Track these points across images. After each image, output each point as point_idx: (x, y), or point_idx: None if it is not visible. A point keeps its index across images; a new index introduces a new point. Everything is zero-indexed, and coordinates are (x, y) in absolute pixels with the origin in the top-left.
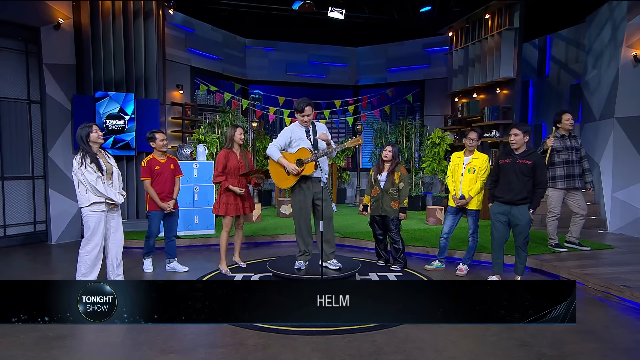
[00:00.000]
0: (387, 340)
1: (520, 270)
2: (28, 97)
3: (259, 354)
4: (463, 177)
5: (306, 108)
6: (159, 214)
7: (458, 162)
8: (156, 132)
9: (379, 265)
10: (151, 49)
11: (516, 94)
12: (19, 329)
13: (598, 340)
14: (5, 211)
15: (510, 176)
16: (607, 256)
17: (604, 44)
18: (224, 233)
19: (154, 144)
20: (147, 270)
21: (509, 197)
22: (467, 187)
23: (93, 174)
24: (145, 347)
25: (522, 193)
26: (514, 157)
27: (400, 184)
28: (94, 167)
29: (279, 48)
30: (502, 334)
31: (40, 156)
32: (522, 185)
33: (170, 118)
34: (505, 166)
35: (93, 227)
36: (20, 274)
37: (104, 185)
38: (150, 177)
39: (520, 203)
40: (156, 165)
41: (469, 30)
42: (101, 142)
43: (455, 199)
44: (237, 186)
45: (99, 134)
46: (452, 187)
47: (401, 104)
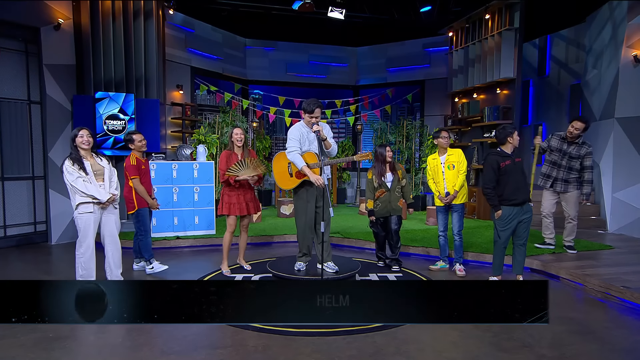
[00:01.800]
0: (387, 341)
1: (521, 270)
2: (28, 98)
3: (259, 355)
4: (445, 175)
5: (316, 110)
6: (147, 211)
7: (435, 163)
8: (133, 134)
9: (379, 265)
10: (151, 49)
11: (516, 94)
12: (19, 330)
13: (598, 341)
14: (6, 212)
15: (518, 176)
16: (607, 257)
17: (604, 44)
18: (228, 234)
19: (132, 145)
20: (161, 269)
21: (523, 197)
22: (451, 183)
23: (73, 174)
24: (146, 349)
25: (528, 191)
26: (511, 157)
27: (404, 180)
28: (76, 167)
29: (279, 48)
30: (502, 335)
31: (40, 156)
32: (524, 183)
33: (170, 118)
34: (509, 168)
35: (83, 229)
36: (20, 275)
37: (85, 183)
38: (139, 175)
39: (528, 200)
40: (142, 164)
41: (469, 30)
42: (85, 148)
43: (441, 198)
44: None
45: (85, 139)
46: (434, 188)
47: (402, 103)
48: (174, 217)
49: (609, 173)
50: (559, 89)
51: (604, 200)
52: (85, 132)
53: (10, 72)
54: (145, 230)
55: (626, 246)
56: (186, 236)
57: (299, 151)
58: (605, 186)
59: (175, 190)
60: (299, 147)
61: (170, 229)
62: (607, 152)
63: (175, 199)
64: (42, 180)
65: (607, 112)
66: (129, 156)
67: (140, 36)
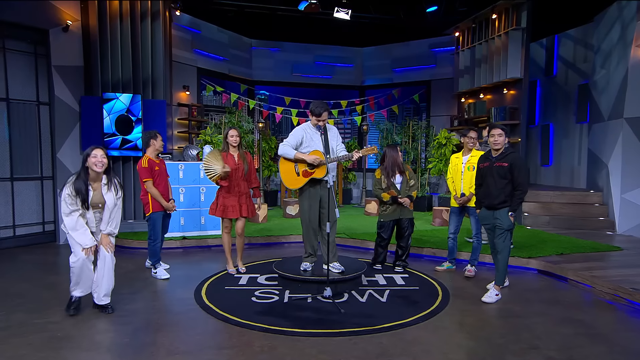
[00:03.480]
0: (394, 342)
1: (499, 280)
2: (37, 99)
3: (265, 355)
4: (463, 176)
5: (323, 113)
6: (161, 215)
7: (457, 162)
8: (158, 133)
9: (375, 268)
10: (158, 50)
11: (523, 94)
12: (27, 329)
13: (607, 344)
14: (15, 211)
15: (488, 180)
16: (615, 258)
17: (612, 44)
18: (225, 235)
19: (155, 142)
20: (163, 277)
21: (488, 202)
22: (468, 184)
23: (68, 208)
24: (153, 348)
25: (500, 197)
26: (491, 160)
27: (411, 181)
28: (76, 201)
29: (285, 49)
30: (510, 337)
31: (48, 157)
32: (500, 188)
33: (176, 119)
34: (484, 170)
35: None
36: (29, 274)
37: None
38: (152, 177)
39: (499, 207)
40: (155, 165)
41: (475, 31)
42: (98, 171)
43: (456, 198)
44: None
45: (99, 160)
46: (452, 187)
47: (408, 104)
48: (181, 218)
49: (618, 174)
50: (566, 89)
51: (612, 201)
52: (100, 152)
53: (19, 73)
54: (154, 236)
55: (635, 247)
56: (192, 236)
57: (290, 146)
58: (613, 187)
59: (182, 191)
60: (293, 144)
61: (176, 229)
62: (616, 152)
63: (181, 199)
64: (51, 180)
65: (615, 112)
66: (142, 158)
67: (147, 37)
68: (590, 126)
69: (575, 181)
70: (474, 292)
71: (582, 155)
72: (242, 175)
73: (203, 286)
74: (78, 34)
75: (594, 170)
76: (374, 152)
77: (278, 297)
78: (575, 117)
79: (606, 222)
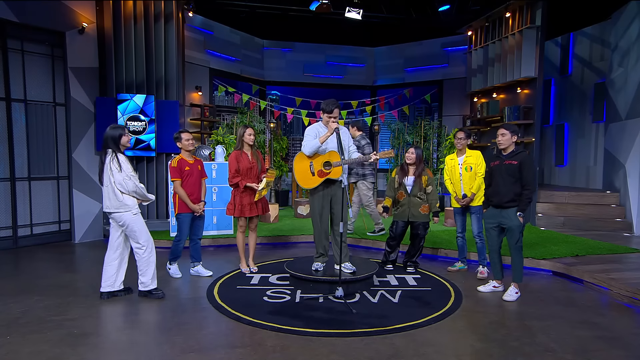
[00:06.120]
0: (406, 343)
1: (517, 277)
2: (53, 100)
3: (277, 354)
4: (462, 177)
5: (335, 110)
6: (189, 216)
7: (453, 163)
8: (182, 132)
9: (387, 269)
10: (171, 51)
11: (537, 94)
12: (45, 325)
13: (625, 348)
14: (32, 210)
15: (498, 178)
16: (633, 260)
17: (631, 42)
18: (240, 234)
19: (180, 144)
20: (176, 275)
21: (497, 200)
22: (467, 185)
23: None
24: (166, 346)
25: (508, 195)
26: (502, 158)
27: (429, 187)
28: (130, 168)
29: (296, 49)
30: (524, 339)
31: (64, 157)
32: (509, 187)
33: (189, 119)
34: (494, 169)
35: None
36: (46, 272)
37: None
38: (181, 177)
39: (508, 206)
40: (186, 165)
41: (488, 29)
42: (129, 147)
43: (458, 199)
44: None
45: (129, 138)
46: (452, 189)
47: (420, 104)
48: None
49: (636, 174)
50: (582, 88)
51: (629, 202)
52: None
53: (37, 75)
54: (179, 236)
55: None
56: (205, 236)
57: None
58: (631, 188)
59: None
60: (313, 136)
61: None
62: (634, 152)
63: None
64: (66, 180)
65: (634, 111)
66: (174, 158)
67: (161, 39)
68: (606, 125)
69: (591, 182)
70: (486, 294)
71: (598, 155)
72: (256, 173)
73: (215, 285)
74: (93, 36)
75: (611, 170)
76: (391, 155)
77: (290, 296)
78: (592, 116)
79: (623, 224)
